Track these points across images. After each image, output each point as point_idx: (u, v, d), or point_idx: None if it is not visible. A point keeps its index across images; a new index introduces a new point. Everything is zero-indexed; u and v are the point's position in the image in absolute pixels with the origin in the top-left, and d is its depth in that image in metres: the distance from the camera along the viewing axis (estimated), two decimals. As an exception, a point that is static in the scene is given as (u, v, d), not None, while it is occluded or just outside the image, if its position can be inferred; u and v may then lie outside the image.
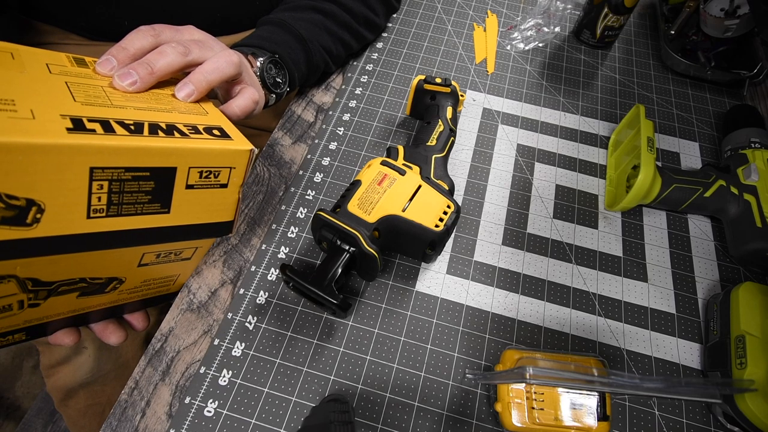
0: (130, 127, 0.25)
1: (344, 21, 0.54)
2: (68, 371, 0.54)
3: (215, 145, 0.29)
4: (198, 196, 0.29)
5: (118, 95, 0.29)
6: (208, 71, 0.34)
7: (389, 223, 0.39)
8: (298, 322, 0.41)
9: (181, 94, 0.33)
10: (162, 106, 0.30)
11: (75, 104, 0.25)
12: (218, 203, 0.31)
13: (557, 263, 0.46)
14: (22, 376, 1.10)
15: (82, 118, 0.24)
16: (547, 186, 0.51)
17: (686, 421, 0.38)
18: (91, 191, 0.24)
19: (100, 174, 0.24)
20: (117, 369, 0.55)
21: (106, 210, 0.25)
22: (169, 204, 0.28)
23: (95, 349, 0.53)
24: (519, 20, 0.68)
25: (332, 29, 0.53)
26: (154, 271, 0.33)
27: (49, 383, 0.56)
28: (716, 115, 0.59)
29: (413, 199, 0.40)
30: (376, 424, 0.37)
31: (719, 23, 0.58)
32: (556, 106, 0.59)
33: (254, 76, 0.43)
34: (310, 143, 0.53)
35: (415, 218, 0.39)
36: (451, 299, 0.43)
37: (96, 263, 0.28)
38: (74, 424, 0.59)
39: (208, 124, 0.31)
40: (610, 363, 0.41)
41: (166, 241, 0.30)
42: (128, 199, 0.26)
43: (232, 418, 0.36)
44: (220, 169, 0.30)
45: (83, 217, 0.25)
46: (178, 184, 0.28)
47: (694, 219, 0.50)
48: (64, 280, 0.28)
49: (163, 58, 0.32)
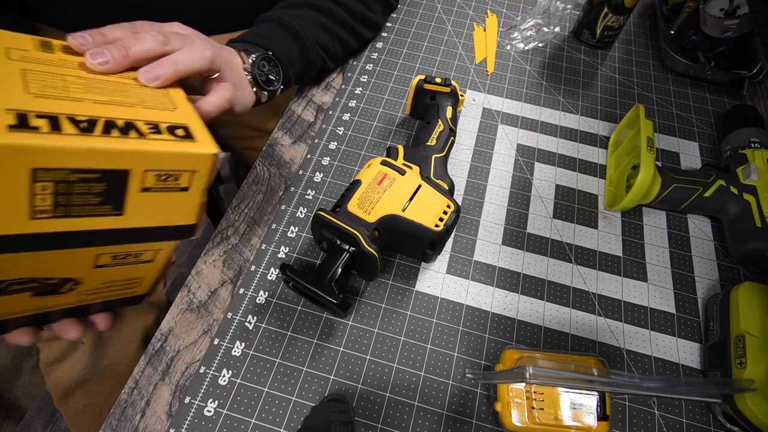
0: (81, 125, 0.24)
1: (341, 18, 0.54)
2: (65, 368, 0.54)
3: (175, 148, 0.27)
4: (155, 199, 0.28)
5: (78, 86, 0.27)
6: (179, 60, 0.33)
7: (389, 223, 0.39)
8: (298, 321, 0.41)
9: (144, 77, 0.31)
10: (126, 99, 0.28)
11: (26, 96, 0.24)
12: (179, 206, 0.29)
13: (557, 263, 0.46)
14: (22, 376, 1.10)
15: (27, 114, 0.22)
16: (547, 186, 0.51)
17: (686, 421, 0.38)
18: (34, 192, 0.23)
19: (44, 175, 0.22)
20: (112, 366, 0.55)
21: (52, 211, 0.24)
22: (121, 206, 0.26)
23: (91, 344, 0.53)
24: (519, 20, 0.68)
25: (329, 27, 0.53)
26: (113, 273, 0.32)
27: (48, 381, 0.56)
28: (716, 115, 0.59)
29: (413, 199, 0.40)
30: (376, 424, 0.37)
31: (719, 23, 0.58)
32: (556, 106, 0.59)
33: (242, 74, 0.42)
34: (310, 143, 0.53)
35: (415, 218, 0.39)
36: (451, 299, 0.43)
37: (45, 264, 0.27)
38: (74, 423, 0.59)
39: (173, 122, 0.29)
40: (610, 363, 0.41)
41: (121, 243, 0.29)
42: (77, 201, 0.24)
43: (232, 418, 0.36)
44: (181, 173, 0.28)
45: (25, 218, 0.23)
46: (132, 187, 0.26)
47: (693, 219, 0.50)
48: (12, 280, 0.26)
49: (140, 43, 0.31)
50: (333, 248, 0.39)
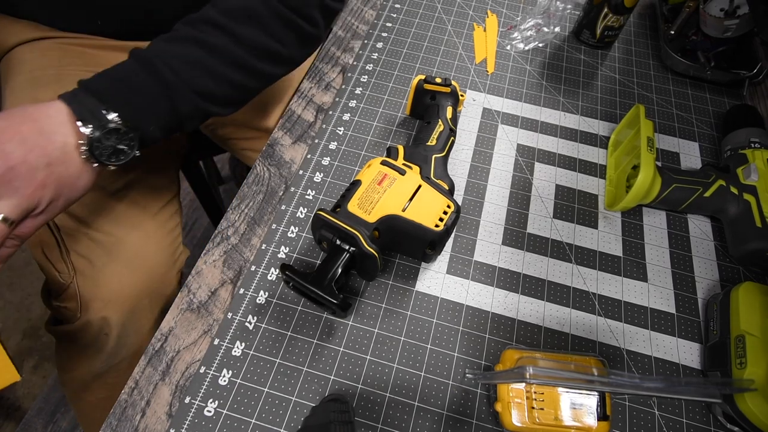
0: None
1: (235, 57, 0.43)
2: (85, 361, 0.54)
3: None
4: None
5: None
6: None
7: (389, 223, 0.39)
8: (298, 322, 0.41)
9: None
10: None
11: None
12: None
13: (557, 263, 0.46)
14: (22, 377, 1.09)
15: None
16: (547, 186, 0.51)
17: (686, 421, 0.38)
18: None
19: None
20: (130, 358, 0.55)
21: None
22: None
23: (116, 336, 0.53)
24: (519, 20, 0.68)
25: (215, 69, 0.42)
26: None
27: (63, 377, 0.56)
28: (716, 115, 0.59)
29: (413, 199, 0.40)
30: (376, 424, 0.37)
31: (719, 23, 0.58)
32: (556, 106, 0.59)
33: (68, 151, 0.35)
34: (310, 143, 0.53)
35: (415, 218, 0.39)
36: (451, 299, 0.43)
37: None
38: (86, 418, 0.59)
39: None
40: (610, 363, 0.41)
41: None
42: None
43: (232, 418, 0.36)
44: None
45: None
46: None
47: (694, 219, 0.50)
48: None
49: None
50: (333, 248, 0.39)
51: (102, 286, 0.50)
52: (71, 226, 0.50)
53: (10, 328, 1.15)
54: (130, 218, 0.54)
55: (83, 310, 0.50)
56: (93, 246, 0.51)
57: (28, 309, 1.18)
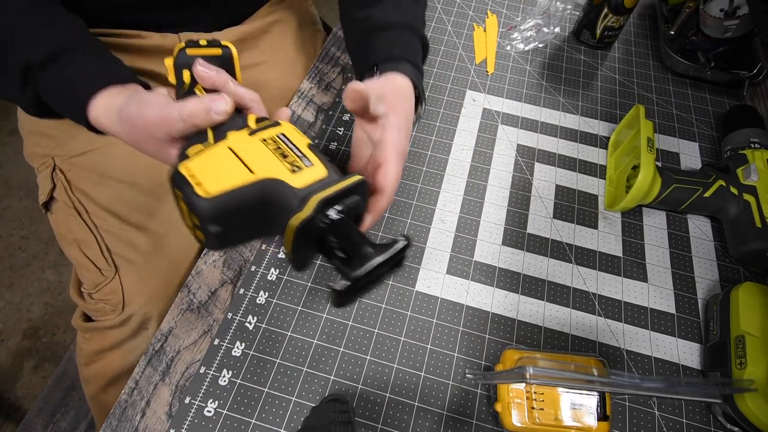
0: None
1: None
2: (118, 356, 0.53)
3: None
4: None
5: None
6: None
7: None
8: (298, 322, 0.41)
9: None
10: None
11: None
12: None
13: (557, 263, 0.46)
14: (22, 377, 1.10)
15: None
16: (547, 186, 0.51)
17: (686, 421, 0.38)
18: None
19: None
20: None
21: None
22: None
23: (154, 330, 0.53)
24: (519, 20, 0.68)
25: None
26: None
27: (89, 370, 0.54)
28: (716, 115, 0.59)
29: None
30: (376, 424, 0.37)
31: (719, 24, 0.58)
32: (556, 107, 0.59)
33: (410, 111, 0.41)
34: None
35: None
36: (451, 299, 0.43)
37: None
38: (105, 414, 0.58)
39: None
40: (610, 363, 0.41)
41: None
42: None
43: (232, 418, 0.36)
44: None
45: None
46: None
47: (693, 219, 0.50)
48: None
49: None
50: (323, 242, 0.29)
51: (146, 282, 0.51)
52: (112, 223, 0.51)
53: (10, 328, 1.15)
54: (169, 216, 0.54)
55: (126, 305, 0.50)
56: (135, 242, 0.51)
57: (28, 309, 1.18)
